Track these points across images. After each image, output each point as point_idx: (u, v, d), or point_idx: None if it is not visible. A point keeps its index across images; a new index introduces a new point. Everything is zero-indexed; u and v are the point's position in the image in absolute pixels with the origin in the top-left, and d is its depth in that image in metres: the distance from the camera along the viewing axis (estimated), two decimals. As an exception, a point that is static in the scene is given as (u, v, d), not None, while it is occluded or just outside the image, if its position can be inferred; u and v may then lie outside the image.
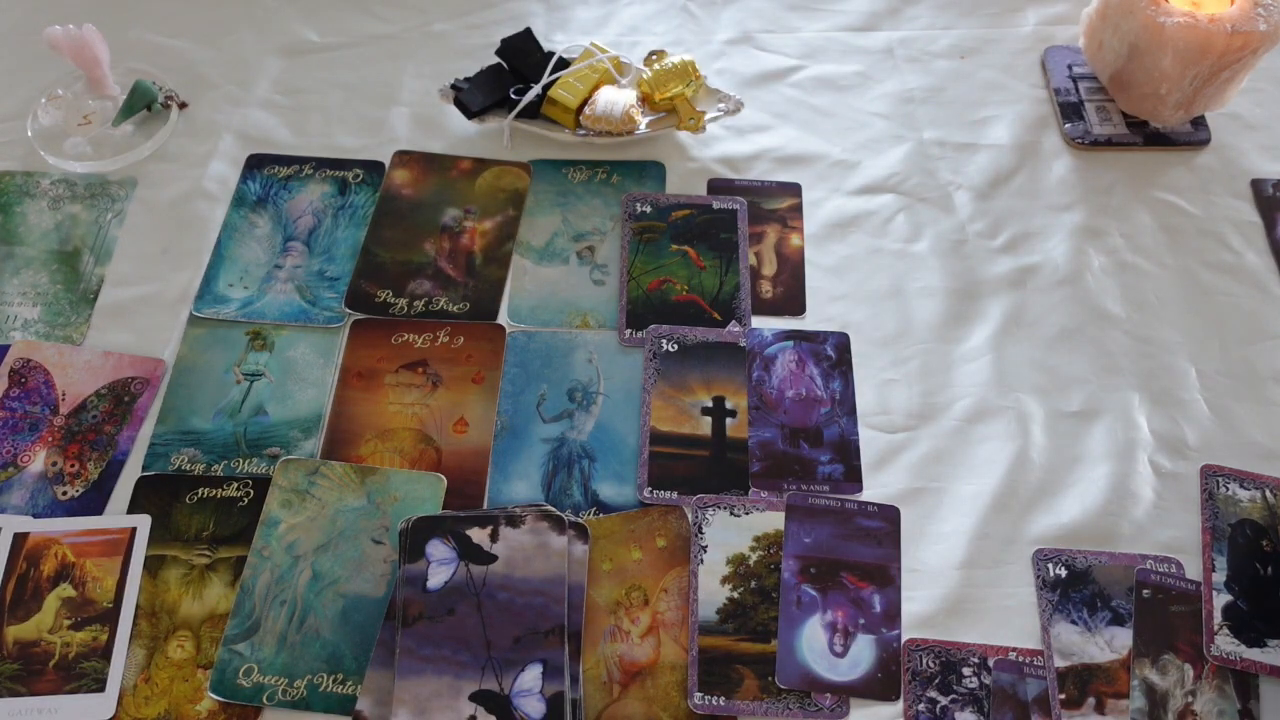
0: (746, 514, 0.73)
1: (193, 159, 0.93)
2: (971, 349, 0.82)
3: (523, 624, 0.65)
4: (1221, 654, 0.68)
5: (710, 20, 1.05)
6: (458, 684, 0.63)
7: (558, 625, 0.67)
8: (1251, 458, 0.77)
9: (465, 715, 0.62)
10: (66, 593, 0.70)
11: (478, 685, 0.63)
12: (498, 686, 0.63)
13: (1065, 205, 0.91)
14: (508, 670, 0.63)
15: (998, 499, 0.75)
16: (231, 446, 0.77)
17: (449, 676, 0.63)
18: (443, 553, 0.66)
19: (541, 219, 0.90)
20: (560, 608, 0.67)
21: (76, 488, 0.74)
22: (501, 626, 0.65)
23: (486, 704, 0.62)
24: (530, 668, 0.65)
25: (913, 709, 0.67)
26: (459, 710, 0.62)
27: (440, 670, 0.63)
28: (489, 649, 0.63)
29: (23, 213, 0.89)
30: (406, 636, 0.63)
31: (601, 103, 0.90)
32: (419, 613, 0.64)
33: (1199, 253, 0.88)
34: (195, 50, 1.01)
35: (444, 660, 0.63)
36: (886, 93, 0.99)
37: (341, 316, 0.83)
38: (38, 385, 0.79)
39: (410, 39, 1.02)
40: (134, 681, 0.67)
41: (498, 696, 0.62)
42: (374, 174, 0.92)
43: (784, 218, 0.90)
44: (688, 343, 0.82)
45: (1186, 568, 0.72)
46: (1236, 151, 0.94)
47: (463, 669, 0.63)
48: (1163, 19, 0.85)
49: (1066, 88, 0.98)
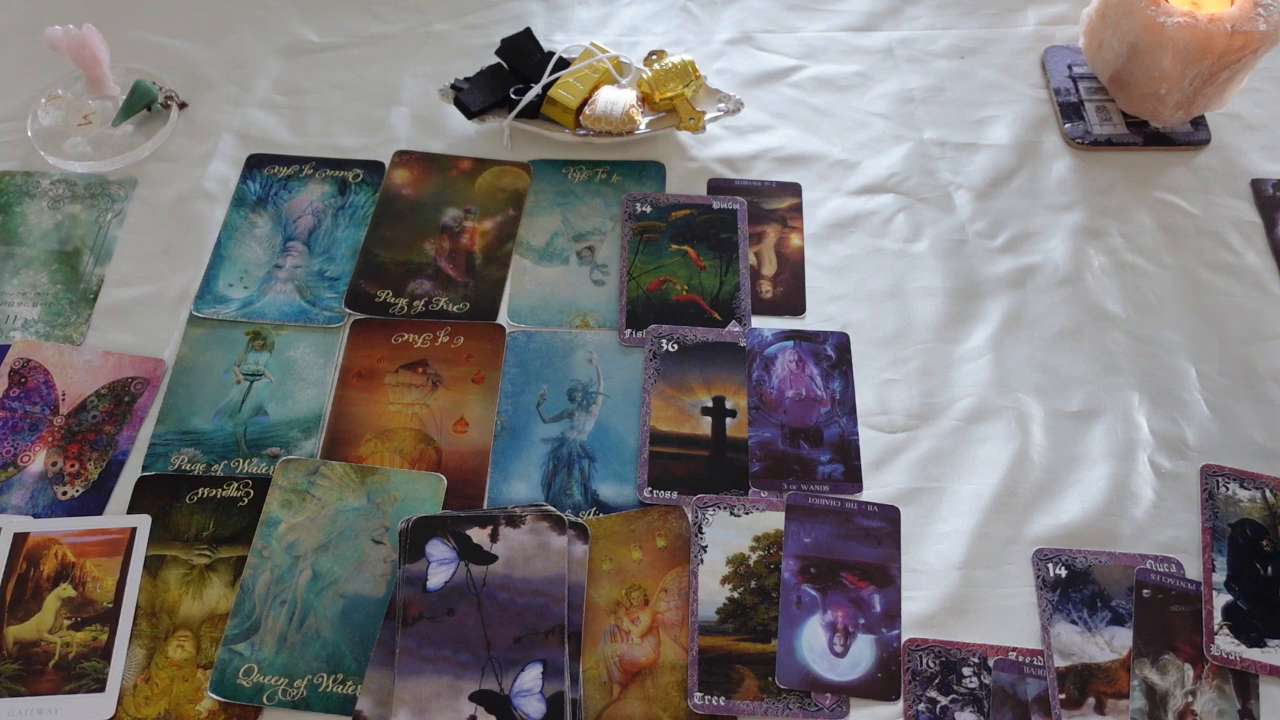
0: (746, 514, 0.73)
1: (193, 159, 0.93)
2: (971, 349, 0.82)
3: (523, 624, 0.65)
4: (1221, 654, 0.68)
5: (710, 20, 1.05)
6: (458, 684, 0.63)
7: (558, 625, 0.67)
8: (1251, 458, 0.77)
9: (465, 715, 0.62)
10: (66, 593, 0.70)
11: (478, 685, 0.63)
12: (498, 687, 0.63)
13: (1065, 205, 0.91)
14: (508, 670, 0.63)
15: (998, 499, 0.75)
16: (231, 446, 0.77)
17: (449, 677, 0.63)
18: (443, 553, 0.67)
19: (541, 219, 0.90)
20: (560, 608, 0.67)
21: (76, 488, 0.74)
22: (501, 626, 0.65)
23: (487, 704, 0.62)
24: (530, 668, 0.65)
25: (913, 709, 0.67)
26: (459, 710, 0.62)
27: (440, 670, 0.63)
28: (489, 649, 0.63)
29: (23, 213, 0.89)
30: (406, 637, 0.63)
31: (601, 103, 0.90)
32: (419, 613, 0.64)
33: (1199, 253, 0.88)
34: (195, 50, 1.01)
35: (444, 660, 0.63)
36: (886, 93, 0.99)
37: (341, 316, 0.83)
38: (38, 385, 0.79)
39: (410, 39, 1.02)
40: (134, 681, 0.67)
41: (498, 696, 0.63)
42: (374, 174, 0.92)
43: (784, 218, 0.90)
44: (688, 343, 0.82)
45: (1186, 568, 0.72)
46: (1236, 151, 0.94)
47: (463, 669, 0.63)
48: (1163, 19, 0.85)
49: (1066, 88, 0.98)
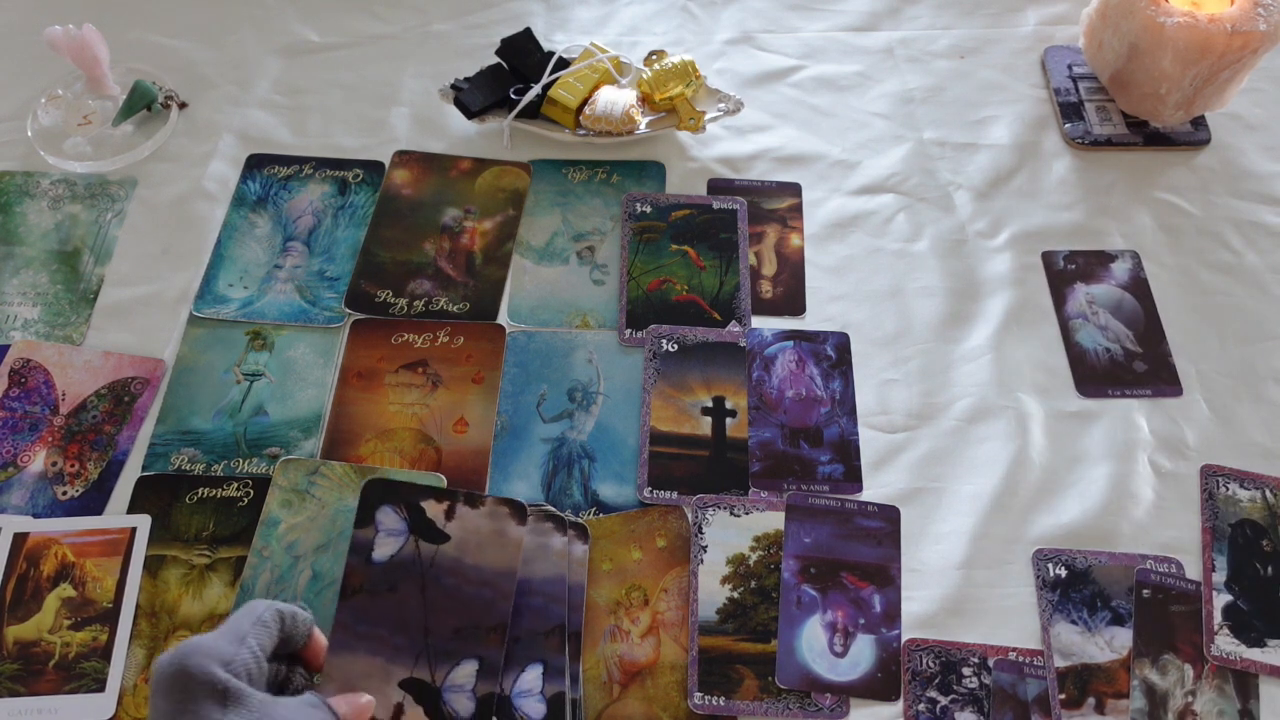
0: (746, 514, 0.73)
1: (193, 159, 0.93)
2: (971, 349, 0.82)
3: (466, 616, 0.61)
4: (1221, 654, 0.68)
5: (710, 20, 1.05)
6: (389, 668, 0.60)
7: (558, 625, 0.67)
8: (1251, 458, 0.77)
9: (393, 701, 0.58)
10: (66, 593, 0.70)
11: (409, 672, 0.60)
12: (429, 677, 0.59)
13: (1065, 205, 0.91)
14: (442, 662, 0.59)
15: (998, 499, 0.75)
16: (231, 446, 0.77)
17: (381, 659, 0.60)
18: (393, 522, 0.61)
19: (541, 219, 0.90)
20: (560, 607, 0.67)
21: (76, 488, 0.74)
22: (443, 614, 0.60)
23: (416, 693, 0.58)
24: (530, 668, 0.65)
25: (913, 709, 0.67)
26: (387, 695, 0.58)
27: (374, 650, 0.59)
28: (426, 635, 0.60)
29: (23, 213, 0.89)
30: (344, 610, 0.59)
31: (601, 103, 0.90)
32: (360, 584, 0.59)
33: (1199, 253, 0.88)
34: (195, 50, 1.01)
35: (379, 640, 0.59)
36: (886, 93, 0.99)
37: (341, 316, 0.83)
38: (38, 385, 0.79)
39: (410, 39, 1.02)
40: (134, 681, 0.67)
41: (428, 687, 0.59)
42: (374, 174, 0.92)
43: (784, 218, 0.90)
44: (688, 343, 0.82)
45: (1186, 568, 0.72)
46: (1236, 151, 0.94)
47: (396, 653, 0.59)
48: (1163, 19, 0.85)
49: (1066, 88, 0.98)
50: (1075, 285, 0.86)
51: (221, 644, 0.49)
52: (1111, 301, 0.85)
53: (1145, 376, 0.80)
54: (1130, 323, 0.83)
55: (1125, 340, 0.82)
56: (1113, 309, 0.84)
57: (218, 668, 0.48)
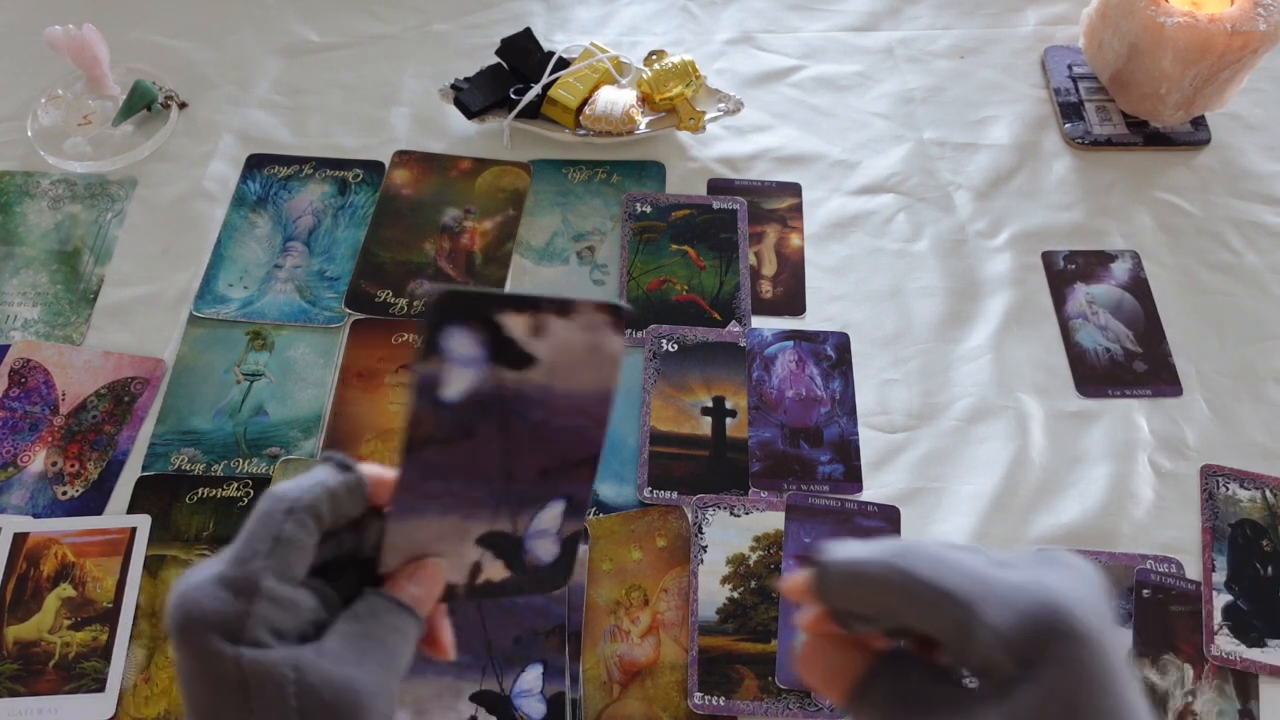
0: (746, 514, 0.73)
1: (193, 159, 0.93)
2: (971, 349, 0.82)
3: (555, 453, 0.48)
4: (1221, 654, 0.68)
5: (710, 20, 1.05)
6: (464, 525, 0.37)
7: (558, 625, 0.67)
8: (1251, 458, 0.77)
9: (468, 561, 0.47)
10: (66, 593, 0.70)
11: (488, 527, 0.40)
12: (511, 526, 0.44)
13: (1065, 205, 0.91)
14: (525, 508, 0.42)
15: (998, 499, 0.75)
16: (231, 446, 0.77)
17: (456, 516, 0.39)
18: (467, 348, 0.43)
19: (541, 219, 0.90)
20: (560, 607, 0.67)
21: (76, 488, 0.74)
22: (528, 454, 0.46)
23: (496, 547, 0.46)
24: (530, 668, 0.65)
25: (913, 709, 0.66)
26: (462, 555, 0.46)
27: (446, 509, 0.37)
28: (509, 482, 0.42)
29: (23, 213, 0.89)
30: (409, 466, 0.43)
31: (601, 103, 0.90)
32: (429, 434, 0.43)
33: (1199, 253, 0.88)
34: (195, 50, 1.01)
35: (452, 496, 0.36)
36: (886, 93, 0.99)
37: (341, 316, 0.83)
38: (38, 385, 0.79)
39: (410, 39, 1.02)
40: (134, 681, 0.67)
41: (510, 538, 0.46)
42: (374, 174, 0.92)
43: (784, 218, 0.90)
44: (688, 343, 0.82)
45: (1186, 568, 0.72)
46: (1236, 151, 0.94)
47: (473, 507, 0.45)
48: (1163, 19, 0.85)
49: (1066, 88, 0.98)
50: (1075, 285, 0.85)
51: (223, 602, 0.35)
52: (1111, 301, 0.85)
53: (1145, 376, 0.80)
54: (1130, 323, 0.83)
55: (1125, 340, 0.82)
56: (1113, 309, 0.84)
57: (224, 645, 0.35)
